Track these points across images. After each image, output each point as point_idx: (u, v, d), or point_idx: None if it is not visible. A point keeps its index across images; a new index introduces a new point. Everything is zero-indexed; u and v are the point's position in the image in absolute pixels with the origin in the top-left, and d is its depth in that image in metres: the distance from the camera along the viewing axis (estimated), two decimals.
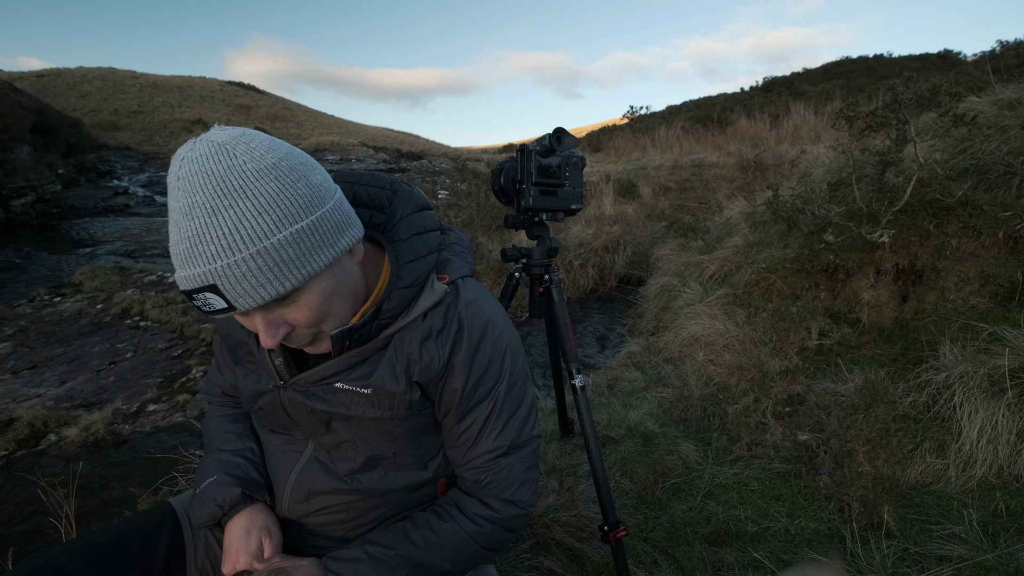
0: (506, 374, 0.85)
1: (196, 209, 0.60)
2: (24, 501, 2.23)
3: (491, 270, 4.84)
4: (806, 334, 2.67)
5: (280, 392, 0.84)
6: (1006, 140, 2.76)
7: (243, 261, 0.60)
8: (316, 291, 0.67)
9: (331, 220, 0.67)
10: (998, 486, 1.70)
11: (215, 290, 0.61)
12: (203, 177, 0.60)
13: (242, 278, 0.60)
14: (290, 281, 0.63)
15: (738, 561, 1.53)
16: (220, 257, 0.59)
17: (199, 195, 0.60)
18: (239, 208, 0.60)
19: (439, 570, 0.82)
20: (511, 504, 0.88)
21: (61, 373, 3.58)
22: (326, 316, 0.70)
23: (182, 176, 0.61)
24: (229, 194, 0.60)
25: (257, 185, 0.61)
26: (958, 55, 16.49)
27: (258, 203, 0.61)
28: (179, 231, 0.61)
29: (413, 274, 0.78)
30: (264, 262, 0.61)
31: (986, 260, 2.41)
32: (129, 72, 24.01)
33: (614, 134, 15.81)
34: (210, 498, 0.85)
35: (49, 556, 0.78)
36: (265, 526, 0.85)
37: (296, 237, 0.63)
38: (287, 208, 0.62)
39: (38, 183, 10.03)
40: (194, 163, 0.61)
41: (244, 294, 0.61)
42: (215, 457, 0.91)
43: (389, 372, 0.79)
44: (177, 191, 0.61)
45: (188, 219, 0.60)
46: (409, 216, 0.84)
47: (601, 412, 2.43)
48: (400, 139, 23.63)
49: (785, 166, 6.37)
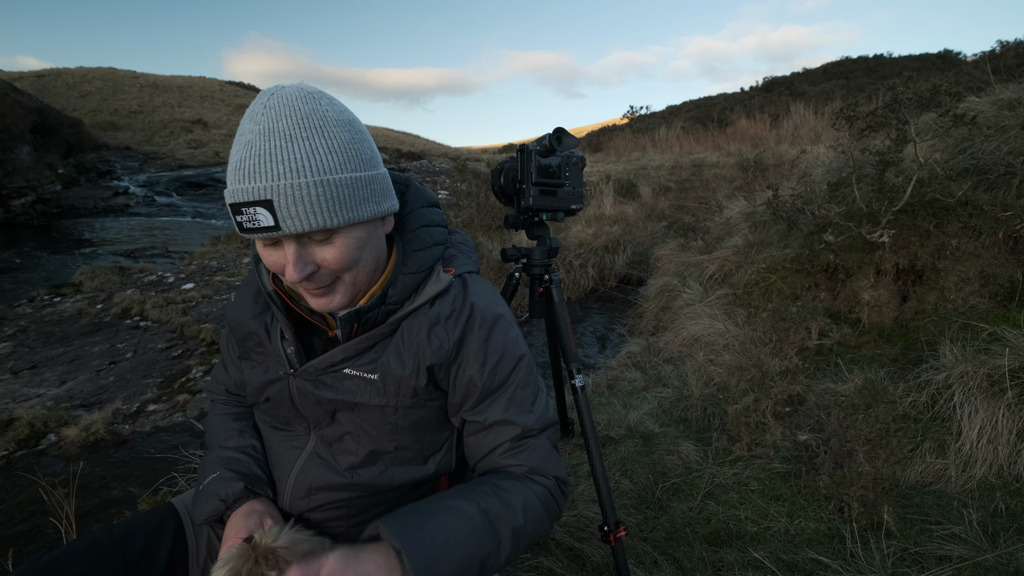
0: (522, 361, 0.87)
1: (275, 133, 0.66)
2: (24, 501, 2.23)
3: (491, 270, 4.85)
4: (806, 334, 2.67)
5: (289, 381, 0.85)
6: (1006, 140, 2.76)
7: (305, 185, 0.65)
8: (353, 237, 0.73)
9: (381, 182, 0.76)
10: (998, 486, 1.70)
11: (269, 206, 0.65)
12: (290, 110, 0.67)
13: (299, 200, 0.65)
14: (338, 217, 0.69)
15: (738, 561, 1.53)
16: (286, 176, 0.65)
17: (282, 122, 0.66)
18: (315, 141, 0.67)
19: (512, 527, 0.77)
20: (555, 479, 0.87)
21: (61, 373, 3.58)
22: (353, 264, 0.74)
23: (270, 105, 0.67)
24: (309, 128, 0.67)
25: (334, 130, 0.69)
26: (958, 55, 16.49)
27: (332, 144, 0.68)
28: (249, 149, 0.66)
29: (419, 262, 0.82)
30: (322, 192, 0.67)
31: (986, 260, 2.41)
32: (129, 72, 24.01)
33: (614, 134, 15.81)
34: (213, 493, 0.85)
35: (52, 557, 0.79)
36: (266, 512, 0.85)
37: (354, 182, 0.70)
38: (353, 156, 0.70)
39: (38, 183, 10.03)
40: (284, 98, 0.67)
41: (295, 216, 0.66)
42: (217, 454, 0.91)
43: (396, 357, 0.80)
44: (260, 115, 0.67)
45: (264, 139, 0.65)
46: (419, 209, 0.88)
47: (601, 412, 2.43)
48: (400, 139, 23.63)
49: (785, 166, 6.37)
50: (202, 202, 13.10)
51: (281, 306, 0.83)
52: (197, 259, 6.54)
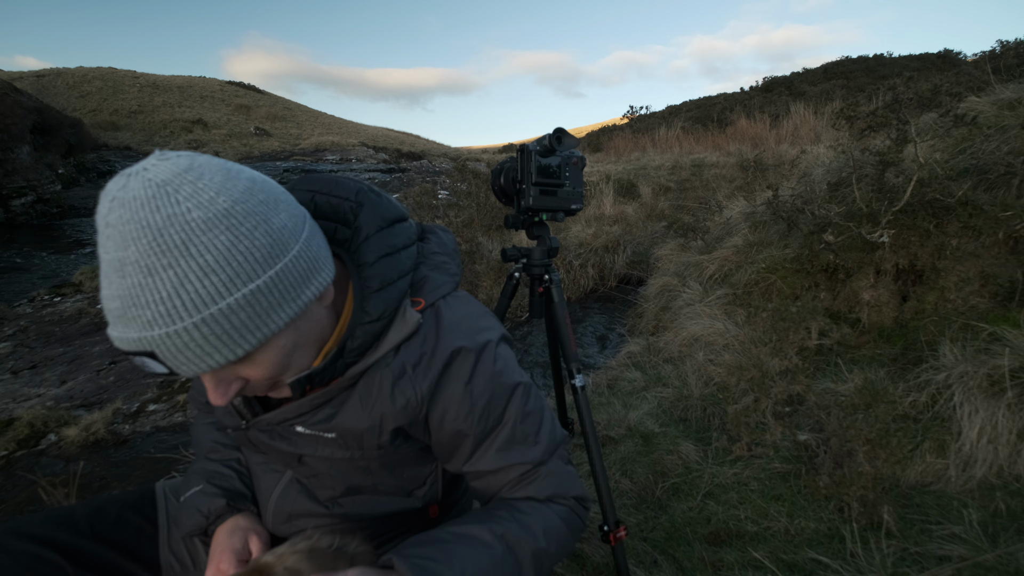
0: (517, 391, 0.75)
1: (128, 266, 0.50)
2: (24, 501, 2.23)
3: (491, 270, 4.84)
4: (806, 334, 2.67)
5: (244, 432, 0.79)
6: (1006, 140, 2.76)
7: (185, 331, 0.51)
8: (275, 349, 0.59)
9: (295, 271, 0.57)
10: (998, 486, 1.70)
11: (154, 356, 0.53)
12: (137, 228, 0.49)
13: (184, 348, 0.52)
14: (242, 347, 0.55)
15: (738, 561, 1.53)
16: (157, 325, 0.51)
17: (131, 250, 0.50)
18: (180, 268, 0.50)
19: (533, 550, 0.71)
20: (574, 499, 0.80)
21: (61, 373, 3.58)
22: (285, 370, 0.63)
23: (111, 223, 0.50)
24: (169, 251, 0.50)
25: (203, 239, 0.51)
26: (958, 55, 16.47)
27: (204, 262, 0.51)
28: (110, 286, 0.52)
29: (380, 306, 0.68)
30: (211, 330, 0.52)
31: (986, 260, 2.41)
32: (129, 72, 24.00)
33: (614, 134, 15.80)
34: (194, 508, 0.84)
35: (27, 518, 0.80)
36: (251, 528, 0.83)
37: (250, 298, 0.54)
38: (240, 265, 0.53)
39: (38, 183, 10.03)
40: (127, 208, 0.50)
41: (187, 362, 0.53)
42: (201, 466, 0.90)
43: (352, 414, 0.70)
44: (106, 240, 0.51)
45: (119, 276, 0.51)
46: (377, 235, 0.72)
47: (601, 412, 2.43)
48: (400, 139, 23.62)
49: (785, 166, 6.36)
50: None
51: None
52: None
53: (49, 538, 0.77)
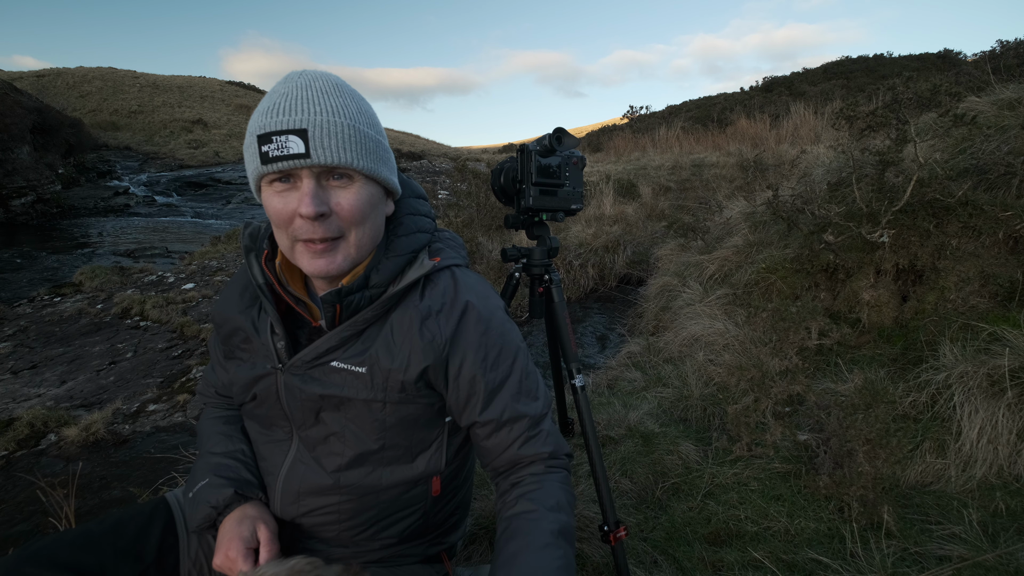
0: (521, 350, 0.89)
1: (313, 90, 0.73)
2: (24, 501, 2.23)
3: (491, 270, 4.85)
4: (806, 334, 2.67)
5: (277, 376, 0.84)
6: (1006, 140, 2.76)
7: (340, 123, 0.72)
8: (367, 191, 0.77)
9: (392, 162, 0.83)
10: (998, 486, 1.70)
11: (303, 135, 0.70)
12: (325, 79, 0.75)
13: (333, 135, 0.72)
14: (364, 161, 0.75)
15: (738, 561, 1.53)
16: (323, 114, 0.72)
17: (319, 83, 0.74)
18: (347, 100, 0.75)
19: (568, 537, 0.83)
20: (565, 456, 0.92)
21: (61, 373, 3.59)
22: (362, 220, 0.78)
23: (304, 75, 0.75)
24: (342, 92, 0.75)
25: (362, 102, 0.78)
26: (958, 55, 16.46)
27: (360, 107, 0.77)
28: (286, 98, 0.72)
29: (403, 246, 0.84)
30: (353, 135, 0.73)
31: (986, 260, 2.41)
32: (129, 72, 24.00)
33: (614, 134, 15.81)
34: (203, 501, 0.85)
35: (44, 543, 0.79)
36: (259, 516, 0.85)
37: (378, 143, 0.78)
38: (376, 125, 0.79)
39: (38, 183, 10.03)
40: (315, 72, 0.76)
41: (327, 147, 0.71)
42: (207, 460, 0.91)
43: (385, 349, 0.81)
44: (294, 80, 0.74)
45: (300, 91, 0.72)
46: (407, 199, 0.91)
47: (601, 412, 2.43)
48: (400, 139, 23.62)
49: (785, 166, 6.36)
50: (202, 202, 13.10)
51: (270, 296, 0.83)
52: (197, 259, 6.54)
53: (73, 564, 0.77)
